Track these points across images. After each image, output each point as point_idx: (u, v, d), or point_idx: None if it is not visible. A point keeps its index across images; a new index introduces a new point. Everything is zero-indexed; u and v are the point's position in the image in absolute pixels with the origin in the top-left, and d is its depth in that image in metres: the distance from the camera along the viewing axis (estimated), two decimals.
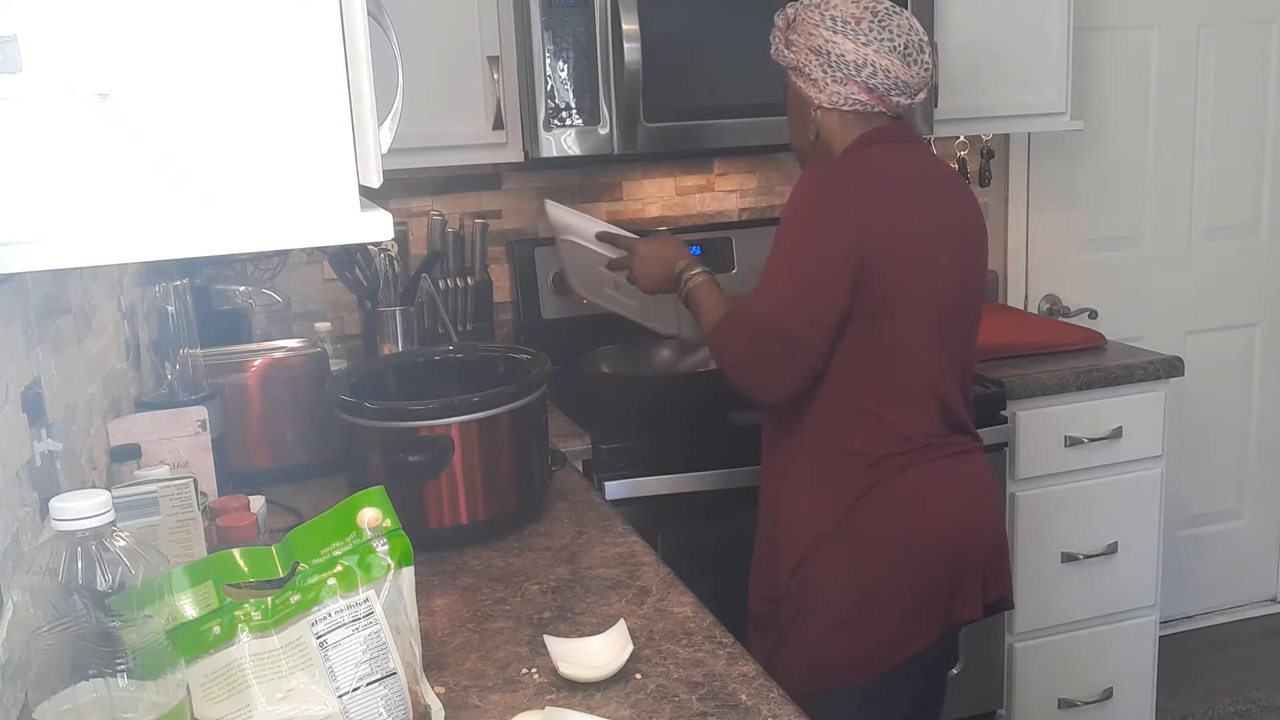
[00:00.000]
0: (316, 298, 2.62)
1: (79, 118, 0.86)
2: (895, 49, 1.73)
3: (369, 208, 0.94)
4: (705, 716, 1.18)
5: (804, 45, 1.78)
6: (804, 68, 1.79)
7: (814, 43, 1.76)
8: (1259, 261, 3.39)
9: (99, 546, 0.92)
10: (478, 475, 1.69)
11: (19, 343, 1.23)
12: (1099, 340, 2.71)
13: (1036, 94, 2.70)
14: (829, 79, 1.76)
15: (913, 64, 1.75)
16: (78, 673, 0.90)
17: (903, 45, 1.74)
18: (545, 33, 2.25)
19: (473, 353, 1.99)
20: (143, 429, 1.66)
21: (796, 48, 1.79)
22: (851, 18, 1.73)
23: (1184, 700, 3.08)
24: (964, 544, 1.77)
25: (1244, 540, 3.51)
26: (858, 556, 1.75)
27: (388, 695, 1.02)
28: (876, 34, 1.72)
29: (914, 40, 1.75)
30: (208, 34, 0.88)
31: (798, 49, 1.79)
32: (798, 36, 1.79)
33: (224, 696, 0.98)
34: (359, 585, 1.03)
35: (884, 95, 1.76)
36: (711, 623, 1.39)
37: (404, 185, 2.62)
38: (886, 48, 1.73)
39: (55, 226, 0.87)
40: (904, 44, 1.74)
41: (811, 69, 1.78)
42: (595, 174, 2.77)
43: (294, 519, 1.71)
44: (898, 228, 1.73)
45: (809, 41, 1.77)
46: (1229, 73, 3.23)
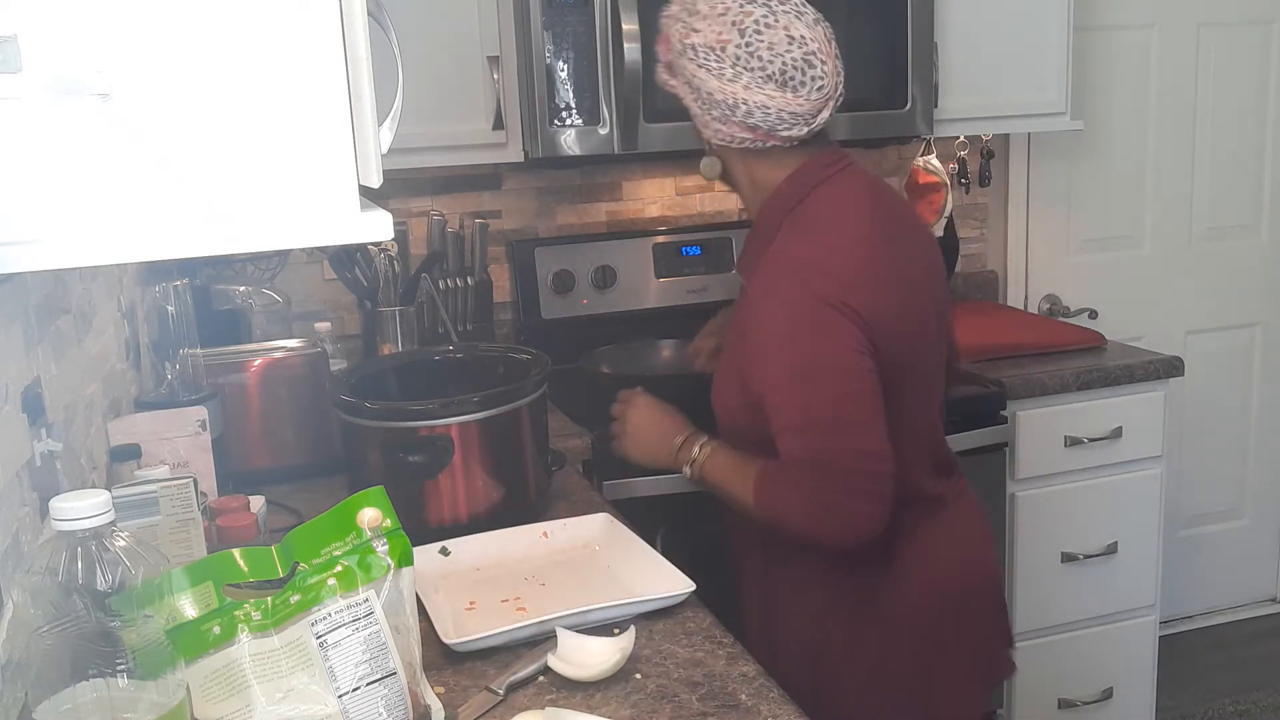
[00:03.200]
0: (316, 298, 2.62)
1: (79, 118, 0.86)
2: (770, 77, 1.43)
3: (369, 208, 0.94)
4: (705, 716, 1.18)
5: (680, 73, 1.50)
6: (684, 100, 1.52)
7: (684, 74, 1.49)
8: (1259, 261, 3.39)
9: (99, 546, 0.92)
10: (478, 475, 1.69)
11: (19, 343, 1.23)
12: (1099, 340, 2.71)
13: (1036, 94, 2.70)
14: (709, 116, 1.50)
15: (799, 88, 1.45)
16: (78, 673, 0.90)
17: (779, 70, 1.43)
18: (545, 33, 2.25)
19: (473, 353, 1.99)
20: (143, 429, 1.66)
21: (676, 74, 1.52)
22: (716, 44, 1.43)
23: (1184, 700, 3.09)
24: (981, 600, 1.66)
25: (1244, 540, 3.51)
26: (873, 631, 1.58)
27: (388, 695, 1.02)
28: (745, 63, 1.43)
29: (794, 59, 1.43)
30: (208, 34, 0.88)
31: (677, 76, 1.52)
32: (675, 59, 1.51)
33: (224, 696, 0.98)
34: (359, 585, 1.03)
35: (770, 132, 1.48)
36: (711, 623, 1.39)
37: (404, 185, 2.62)
38: (759, 79, 1.43)
39: (55, 226, 0.87)
40: (780, 68, 1.43)
41: (689, 103, 1.52)
42: (595, 174, 2.77)
43: (294, 519, 1.71)
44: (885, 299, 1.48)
45: (681, 71, 1.50)
46: (1229, 73, 3.23)
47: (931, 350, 1.60)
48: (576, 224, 2.78)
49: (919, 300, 1.55)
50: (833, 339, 1.44)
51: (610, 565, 1.56)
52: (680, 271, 2.75)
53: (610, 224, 2.80)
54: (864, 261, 1.48)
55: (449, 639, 1.30)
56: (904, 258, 1.55)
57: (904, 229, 1.60)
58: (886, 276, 1.50)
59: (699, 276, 2.76)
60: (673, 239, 2.76)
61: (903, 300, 1.51)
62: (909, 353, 1.52)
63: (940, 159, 2.87)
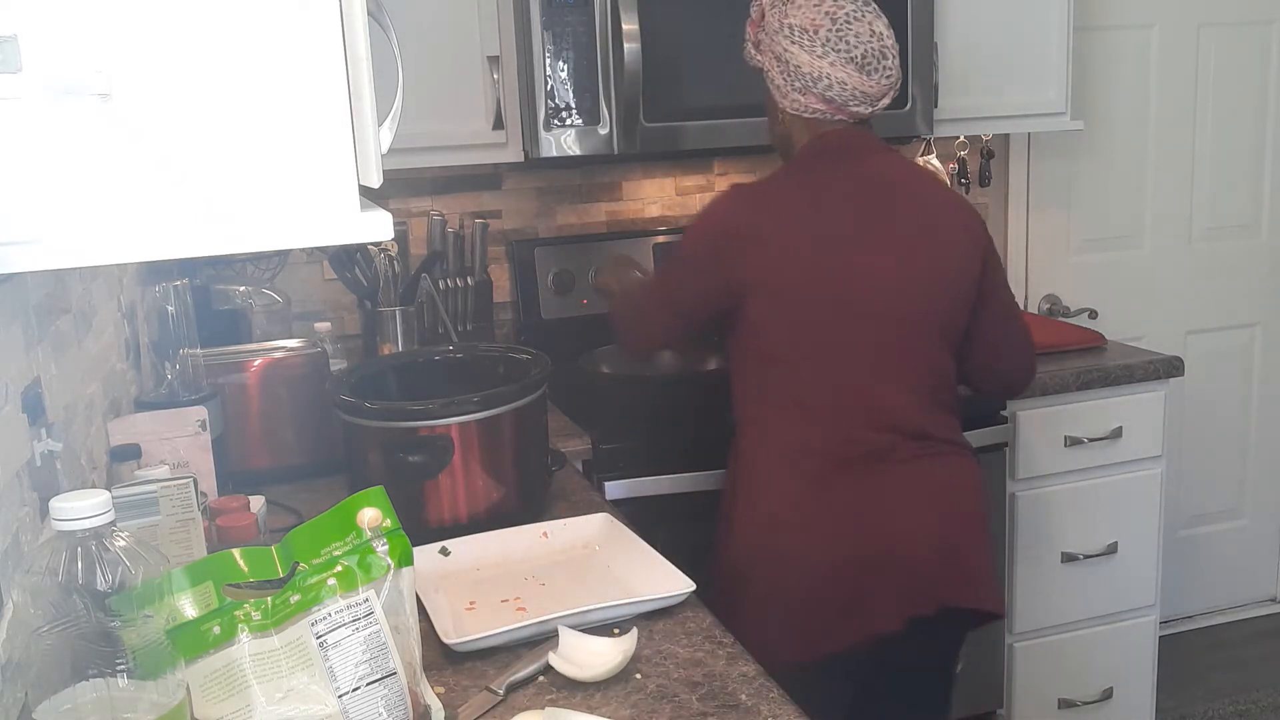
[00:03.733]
0: (316, 298, 2.62)
1: (79, 118, 0.86)
2: (852, 60, 1.72)
3: (369, 208, 0.94)
4: (705, 716, 1.18)
5: (769, 49, 1.79)
6: (768, 72, 1.81)
7: (775, 49, 1.77)
8: (1259, 261, 3.39)
9: (99, 546, 0.92)
10: (478, 475, 1.69)
11: (19, 343, 1.23)
12: (1099, 340, 2.71)
13: (1036, 94, 2.70)
14: (790, 87, 1.78)
15: (872, 73, 1.74)
16: (78, 673, 0.90)
17: (860, 55, 1.72)
18: (545, 33, 2.25)
19: (473, 353, 1.99)
20: (143, 429, 1.66)
21: (764, 50, 1.81)
22: (811, 26, 1.72)
23: (1184, 700, 3.09)
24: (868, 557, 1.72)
25: (1244, 540, 3.51)
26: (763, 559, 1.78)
27: (388, 695, 1.02)
28: (834, 44, 1.72)
29: (874, 48, 1.73)
30: (208, 34, 0.88)
31: (764, 52, 1.81)
32: (765, 38, 1.79)
33: (224, 696, 0.98)
34: (359, 585, 1.02)
35: (842, 105, 1.76)
36: (711, 623, 1.39)
37: (404, 185, 2.62)
38: (843, 59, 1.72)
39: (55, 226, 0.87)
40: (862, 54, 1.72)
41: (774, 75, 1.80)
42: (595, 174, 2.77)
43: (294, 519, 1.71)
44: (792, 252, 1.74)
45: (771, 47, 1.78)
46: (1229, 73, 3.23)
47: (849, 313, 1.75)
48: (576, 224, 2.78)
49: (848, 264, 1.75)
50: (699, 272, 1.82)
51: (610, 565, 1.56)
52: None
53: (610, 224, 2.80)
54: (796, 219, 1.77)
55: (449, 639, 1.30)
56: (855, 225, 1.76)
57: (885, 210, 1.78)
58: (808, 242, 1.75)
59: None
60: (673, 239, 2.76)
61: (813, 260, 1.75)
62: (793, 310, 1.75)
63: (940, 159, 2.87)
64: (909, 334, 1.78)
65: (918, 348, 1.79)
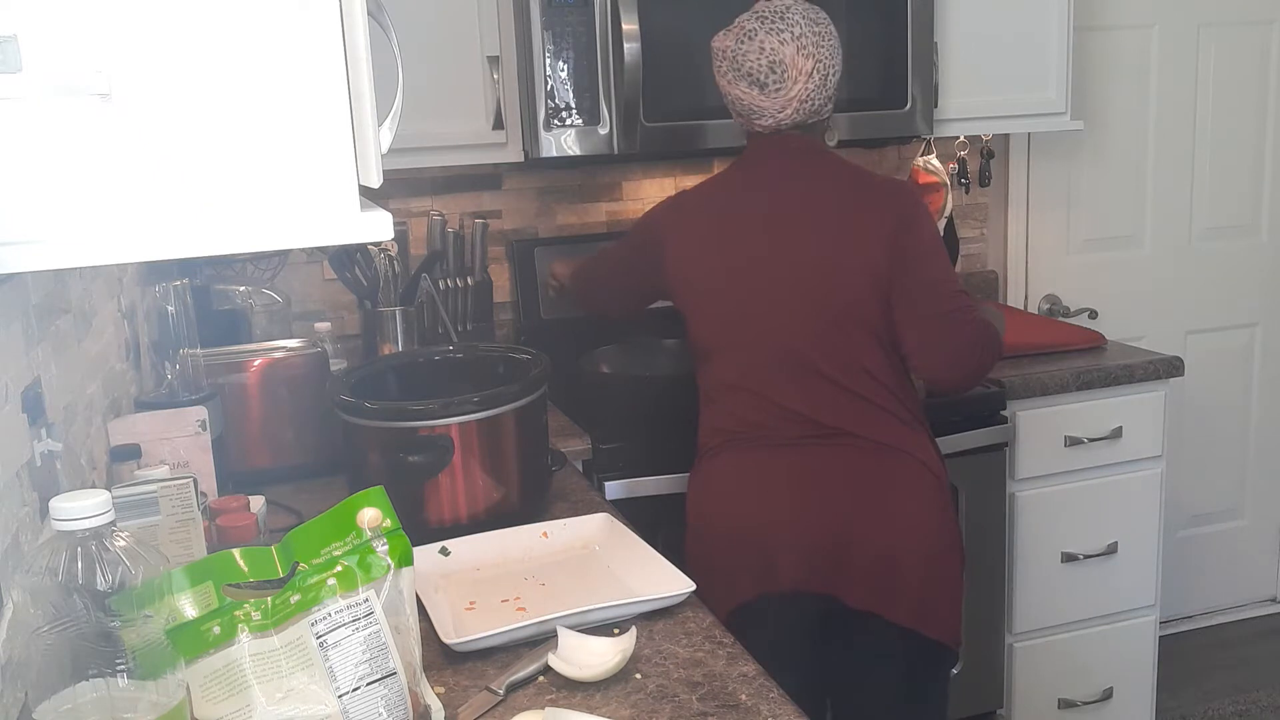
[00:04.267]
0: (316, 298, 2.62)
1: (79, 118, 0.86)
2: (749, 78, 1.83)
3: (369, 208, 0.94)
4: (705, 716, 1.18)
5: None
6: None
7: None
8: (1259, 261, 3.39)
9: (99, 546, 0.92)
10: (478, 475, 1.69)
11: (19, 343, 1.23)
12: (1099, 340, 2.71)
13: (1036, 94, 2.70)
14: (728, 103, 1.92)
15: (769, 90, 1.83)
16: (78, 673, 0.90)
17: (755, 71, 1.82)
18: (545, 33, 2.25)
19: (473, 353, 1.99)
20: (143, 429, 1.66)
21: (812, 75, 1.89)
22: (719, 51, 1.87)
23: (1184, 700, 3.09)
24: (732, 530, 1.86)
25: (1244, 540, 3.51)
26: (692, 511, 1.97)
27: (388, 695, 1.02)
28: (731, 66, 1.84)
29: (762, 65, 1.81)
30: (208, 34, 0.88)
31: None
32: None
33: (224, 696, 0.98)
34: (359, 585, 1.02)
35: (750, 119, 1.88)
36: (711, 622, 1.39)
37: (404, 185, 2.62)
38: (744, 80, 1.84)
39: (55, 226, 0.87)
40: (754, 69, 1.82)
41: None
42: (595, 174, 2.77)
43: (294, 519, 1.71)
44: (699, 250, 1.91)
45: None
46: (1229, 73, 3.23)
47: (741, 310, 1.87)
48: (576, 224, 2.78)
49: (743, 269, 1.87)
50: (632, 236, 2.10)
51: (610, 565, 1.56)
52: None
53: (610, 224, 2.80)
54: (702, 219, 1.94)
55: (449, 639, 1.30)
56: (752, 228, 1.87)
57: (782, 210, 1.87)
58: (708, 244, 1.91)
59: None
60: None
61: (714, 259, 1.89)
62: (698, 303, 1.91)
63: (940, 159, 2.87)
64: (815, 326, 1.83)
65: (830, 340, 1.83)
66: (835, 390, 1.84)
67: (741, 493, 1.88)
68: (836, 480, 1.84)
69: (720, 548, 1.88)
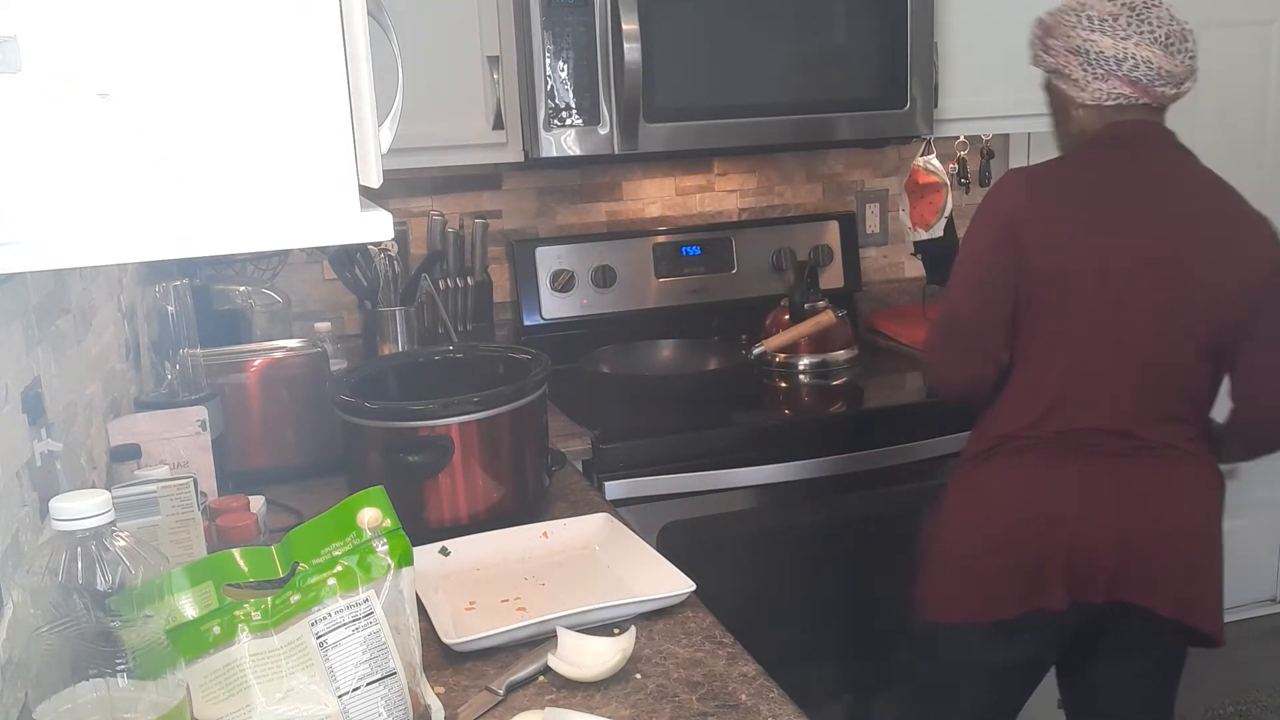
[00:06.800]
0: (316, 298, 2.62)
1: (79, 118, 0.86)
2: (1156, 40, 1.75)
3: (369, 208, 0.94)
4: (705, 716, 1.18)
5: (1062, 47, 1.81)
6: (1064, 69, 1.82)
7: (1072, 43, 1.80)
8: None
9: (99, 546, 0.92)
10: (478, 475, 1.69)
11: (19, 343, 1.23)
12: None
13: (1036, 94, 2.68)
14: (1090, 76, 1.79)
15: (1175, 53, 1.76)
16: (78, 673, 0.90)
17: (1164, 36, 1.75)
18: (545, 33, 2.25)
19: (473, 353, 1.99)
20: (143, 429, 1.66)
21: (1055, 51, 1.83)
22: (1110, 15, 1.76)
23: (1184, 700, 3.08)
24: (1049, 534, 1.77)
25: (1244, 540, 3.50)
26: (964, 514, 1.85)
27: (388, 695, 1.02)
28: (1136, 27, 1.75)
29: (1175, 30, 1.76)
30: (208, 34, 0.88)
31: (1056, 52, 1.83)
32: (1055, 40, 1.83)
33: (224, 696, 0.98)
34: (359, 585, 1.02)
35: (1148, 86, 1.78)
36: (711, 622, 1.39)
37: (404, 185, 2.62)
38: (1147, 39, 1.75)
39: (55, 226, 0.87)
40: (1165, 34, 1.75)
41: (1071, 69, 1.81)
42: (595, 174, 2.77)
43: (294, 519, 1.71)
44: (1064, 241, 1.75)
45: (1067, 43, 1.80)
46: (1229, 73, 3.23)
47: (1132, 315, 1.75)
48: (576, 224, 2.78)
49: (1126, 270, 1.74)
50: (989, 237, 1.79)
51: (610, 565, 1.56)
52: (680, 271, 2.75)
53: (610, 224, 2.80)
54: (1056, 205, 1.77)
55: (449, 639, 1.30)
56: (1112, 217, 1.76)
57: (1151, 204, 1.78)
58: (1064, 230, 1.75)
59: (699, 276, 2.76)
60: (673, 239, 2.77)
61: (1099, 261, 1.74)
62: (1033, 300, 1.76)
63: (940, 159, 2.87)
64: (1156, 335, 1.76)
65: (1165, 351, 1.76)
66: (1148, 400, 1.77)
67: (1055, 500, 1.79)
68: (1140, 490, 1.79)
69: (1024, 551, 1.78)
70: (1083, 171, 1.81)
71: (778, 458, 2.23)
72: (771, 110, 2.42)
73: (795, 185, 2.94)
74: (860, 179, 3.01)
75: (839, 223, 2.91)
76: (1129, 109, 1.80)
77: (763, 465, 2.22)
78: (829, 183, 2.98)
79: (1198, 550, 1.81)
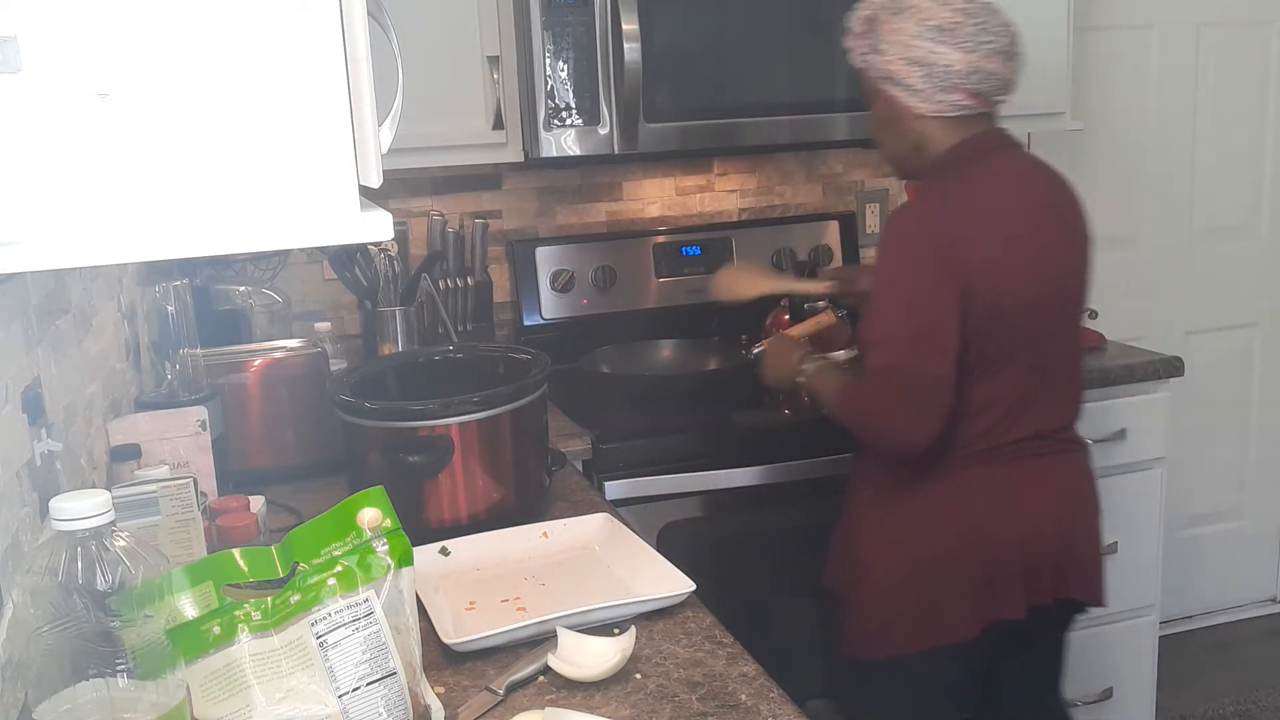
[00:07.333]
0: (316, 298, 2.62)
1: (79, 118, 0.86)
2: (999, 50, 1.73)
3: (369, 208, 0.94)
4: (705, 716, 1.18)
5: (899, 56, 1.74)
6: (901, 78, 1.75)
7: (914, 53, 1.73)
8: (1259, 261, 3.39)
9: (99, 546, 0.92)
10: (477, 475, 1.69)
11: (19, 343, 1.23)
12: (1099, 340, 2.70)
13: (1036, 94, 2.69)
14: (933, 87, 1.74)
15: (1013, 60, 1.77)
16: (78, 673, 0.90)
17: (1005, 45, 1.75)
18: (545, 33, 2.25)
19: (473, 353, 1.99)
20: (143, 429, 1.66)
21: (889, 57, 1.75)
22: (952, 24, 1.71)
23: (1184, 700, 3.08)
24: (1005, 546, 1.78)
25: (1244, 540, 3.51)
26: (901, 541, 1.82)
27: (388, 695, 1.02)
28: (980, 38, 1.71)
29: (1011, 35, 1.76)
30: (208, 34, 0.88)
31: (890, 59, 1.75)
32: (889, 46, 1.75)
33: (224, 696, 0.98)
34: (359, 585, 1.02)
35: (989, 97, 1.77)
36: (711, 623, 1.39)
37: (404, 185, 2.62)
38: (992, 50, 1.72)
39: (55, 226, 0.87)
40: (1007, 44, 1.75)
41: (912, 79, 1.75)
42: (595, 174, 2.77)
43: (294, 519, 1.71)
44: (990, 259, 1.71)
45: (906, 52, 1.73)
46: (1229, 73, 3.23)
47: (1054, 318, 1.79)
48: (576, 224, 2.78)
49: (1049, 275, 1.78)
50: (928, 275, 1.70)
51: (610, 565, 1.56)
52: (680, 271, 2.75)
53: (610, 224, 2.80)
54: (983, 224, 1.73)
55: (449, 639, 1.30)
56: (1029, 227, 1.77)
57: (1047, 207, 1.81)
58: (1000, 248, 1.72)
59: (699, 276, 2.76)
60: (673, 239, 2.77)
61: (1028, 270, 1.74)
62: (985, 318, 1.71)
63: None
64: (1068, 331, 1.85)
65: (1071, 344, 1.86)
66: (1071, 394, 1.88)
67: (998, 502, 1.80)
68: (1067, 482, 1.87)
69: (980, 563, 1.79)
70: (977, 186, 1.77)
71: (778, 458, 2.23)
72: (771, 110, 2.42)
73: (795, 185, 2.94)
74: (860, 179, 3.01)
75: (839, 223, 2.90)
76: (971, 118, 1.78)
77: (763, 465, 2.22)
78: (829, 183, 2.98)
79: (1100, 534, 1.91)
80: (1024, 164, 1.85)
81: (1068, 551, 1.84)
